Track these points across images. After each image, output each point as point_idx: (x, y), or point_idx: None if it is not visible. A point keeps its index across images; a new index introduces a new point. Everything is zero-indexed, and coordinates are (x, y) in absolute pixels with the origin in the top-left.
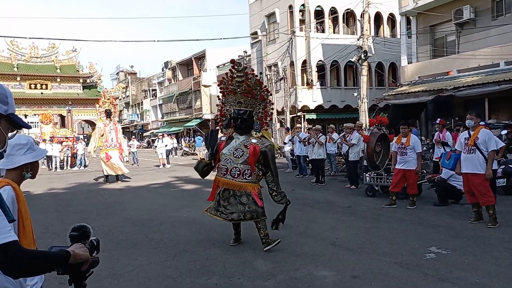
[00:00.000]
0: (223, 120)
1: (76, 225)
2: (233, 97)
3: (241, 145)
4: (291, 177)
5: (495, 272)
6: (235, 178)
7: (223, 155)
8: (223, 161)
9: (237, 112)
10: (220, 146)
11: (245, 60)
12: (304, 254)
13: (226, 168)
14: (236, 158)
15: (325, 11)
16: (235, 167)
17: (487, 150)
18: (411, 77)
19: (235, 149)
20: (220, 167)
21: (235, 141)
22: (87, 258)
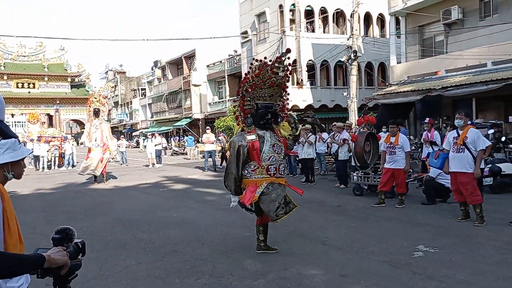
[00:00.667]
0: (247, 118)
1: (60, 228)
2: (267, 91)
3: (275, 140)
4: None
5: (482, 270)
6: (282, 175)
7: (265, 153)
8: (268, 160)
9: (267, 106)
10: (255, 146)
11: (235, 59)
12: (293, 254)
13: (275, 167)
14: (279, 154)
15: (315, 11)
16: (281, 163)
17: (475, 149)
18: (400, 77)
19: (272, 145)
20: (265, 167)
21: (268, 137)
22: (65, 262)
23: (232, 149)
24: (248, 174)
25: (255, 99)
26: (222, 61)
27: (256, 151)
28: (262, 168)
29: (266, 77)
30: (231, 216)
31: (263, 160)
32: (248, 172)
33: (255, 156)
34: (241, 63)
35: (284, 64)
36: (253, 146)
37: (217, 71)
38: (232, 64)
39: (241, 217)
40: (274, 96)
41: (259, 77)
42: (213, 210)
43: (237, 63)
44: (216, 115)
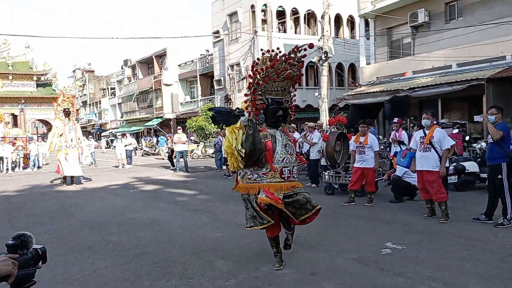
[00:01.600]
0: (258, 114)
1: (16, 234)
2: (280, 84)
3: (287, 139)
4: None
5: (447, 266)
6: (295, 178)
7: (279, 154)
8: (282, 162)
9: (278, 101)
10: (268, 145)
11: (207, 58)
12: (265, 253)
13: (289, 170)
14: (291, 155)
15: (286, 12)
16: (294, 165)
17: (441, 148)
18: (370, 78)
19: (284, 146)
20: (279, 170)
21: (279, 136)
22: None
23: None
24: (258, 178)
25: (266, 93)
26: (194, 60)
27: (269, 152)
28: (275, 171)
29: (282, 69)
30: (203, 217)
31: (277, 162)
32: (258, 176)
33: (267, 158)
34: (213, 62)
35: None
36: (266, 147)
37: (188, 71)
38: (204, 63)
39: (213, 218)
40: (286, 91)
41: (274, 68)
42: (184, 211)
43: (209, 62)
44: (188, 115)
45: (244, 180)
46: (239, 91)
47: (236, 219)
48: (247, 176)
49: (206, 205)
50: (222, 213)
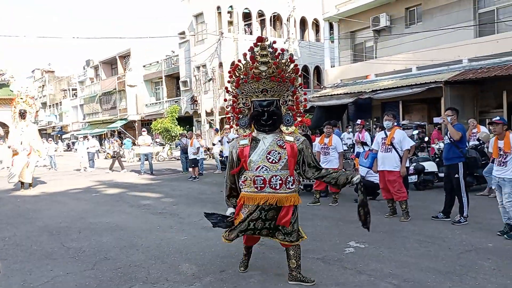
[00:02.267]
0: (239, 118)
1: None
2: (254, 85)
3: (274, 145)
4: (219, 178)
5: (407, 263)
6: (277, 190)
7: (253, 163)
8: (256, 170)
9: (261, 104)
10: (244, 152)
11: (172, 59)
12: (230, 255)
13: (263, 179)
14: (274, 164)
15: (252, 14)
16: (275, 175)
17: (401, 149)
18: (334, 80)
19: (267, 153)
20: (252, 179)
21: (263, 143)
22: None
23: (229, 155)
24: (240, 186)
25: (249, 96)
26: (159, 61)
27: (244, 159)
28: (250, 180)
29: (247, 68)
30: (168, 221)
31: (251, 169)
32: (240, 184)
33: (244, 165)
34: (178, 63)
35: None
36: (242, 153)
37: (154, 72)
38: (170, 64)
39: (178, 221)
40: (271, 92)
41: (239, 70)
42: (148, 215)
43: (175, 63)
44: (153, 116)
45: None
46: (206, 93)
47: (201, 222)
48: None
49: (171, 208)
50: (187, 216)
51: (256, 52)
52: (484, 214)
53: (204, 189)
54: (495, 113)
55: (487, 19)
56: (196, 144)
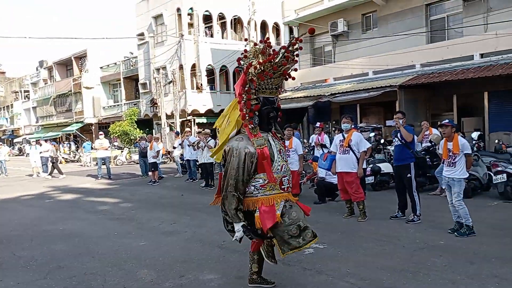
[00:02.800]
0: (252, 116)
1: None
2: (276, 81)
3: (280, 144)
4: (180, 182)
5: (364, 262)
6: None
7: (277, 163)
8: (281, 171)
9: (272, 101)
10: (266, 153)
11: (131, 61)
12: (190, 260)
13: (288, 179)
14: (287, 163)
15: (213, 16)
16: (290, 174)
17: (358, 151)
18: (294, 84)
19: (278, 152)
20: (278, 180)
21: (272, 141)
22: None
23: (236, 158)
24: (255, 191)
25: (259, 92)
26: (117, 63)
27: (267, 160)
28: (275, 182)
29: (279, 63)
30: (126, 226)
31: (276, 171)
32: (255, 188)
33: (266, 167)
34: (137, 65)
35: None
36: (263, 154)
37: (111, 73)
38: (128, 66)
39: (137, 226)
40: (279, 89)
41: (271, 63)
42: (105, 221)
43: (134, 65)
44: (111, 119)
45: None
46: (166, 95)
47: (161, 227)
48: None
49: (130, 213)
50: (146, 221)
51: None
52: (436, 212)
53: (164, 193)
54: (446, 116)
55: (438, 26)
56: (156, 147)
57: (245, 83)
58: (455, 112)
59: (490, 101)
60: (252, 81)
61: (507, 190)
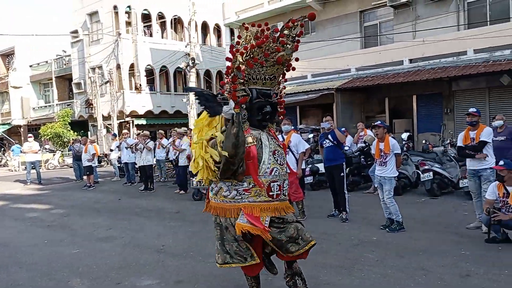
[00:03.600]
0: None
1: None
2: (268, 70)
3: (275, 144)
4: (118, 186)
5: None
6: (286, 197)
7: (265, 165)
8: (270, 174)
9: (265, 93)
10: (252, 152)
11: (64, 59)
12: (127, 266)
13: (278, 185)
14: (282, 167)
15: (152, 16)
16: (285, 179)
17: (297, 151)
18: None
19: (272, 153)
20: (266, 185)
21: (266, 140)
22: None
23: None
24: (237, 196)
25: (250, 83)
26: (49, 61)
27: (253, 161)
28: (262, 186)
29: (272, 49)
30: (57, 234)
31: (263, 174)
32: (237, 193)
33: (250, 169)
34: (71, 64)
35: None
36: (249, 154)
37: (42, 72)
38: (61, 65)
39: (70, 234)
40: (275, 80)
41: (261, 48)
42: (35, 228)
43: (67, 64)
44: (42, 121)
45: (218, 198)
46: (102, 96)
47: (96, 233)
48: (222, 193)
49: (62, 220)
50: (80, 228)
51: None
52: (370, 210)
53: (100, 197)
54: (379, 118)
55: (371, 32)
56: (91, 150)
57: (230, 71)
58: (387, 114)
59: (418, 104)
60: (239, 69)
61: (433, 187)
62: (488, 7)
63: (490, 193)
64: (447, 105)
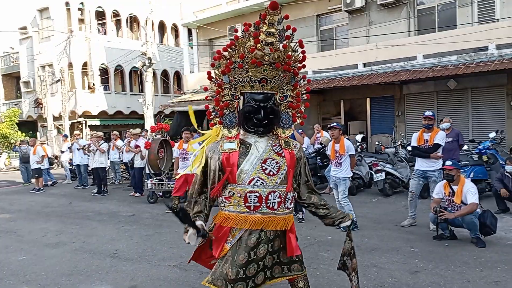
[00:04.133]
0: (223, 115)
1: None
2: (251, 73)
3: (270, 152)
4: (69, 189)
5: None
6: (275, 211)
7: (244, 174)
8: (249, 184)
9: (256, 98)
10: (231, 160)
11: (11, 57)
12: (78, 272)
13: (258, 196)
14: (271, 176)
15: (107, 13)
16: (273, 191)
17: None
18: (194, 86)
19: (262, 161)
20: (243, 196)
21: (256, 148)
22: None
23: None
24: (221, 203)
25: (239, 86)
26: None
27: (231, 168)
28: (239, 196)
29: (246, 50)
30: (2, 240)
31: (241, 183)
32: (222, 200)
33: (226, 174)
34: (19, 62)
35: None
36: (228, 160)
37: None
38: (8, 62)
39: (16, 239)
40: (271, 83)
41: (234, 49)
42: None
43: (15, 61)
44: None
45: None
46: (53, 95)
47: (45, 239)
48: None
49: (8, 225)
50: (28, 233)
51: (262, 28)
52: None
53: (49, 201)
54: (335, 120)
55: (327, 36)
56: (40, 152)
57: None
58: (342, 116)
59: (372, 106)
60: (224, 74)
61: (385, 187)
62: (437, 14)
63: (437, 192)
64: (398, 108)
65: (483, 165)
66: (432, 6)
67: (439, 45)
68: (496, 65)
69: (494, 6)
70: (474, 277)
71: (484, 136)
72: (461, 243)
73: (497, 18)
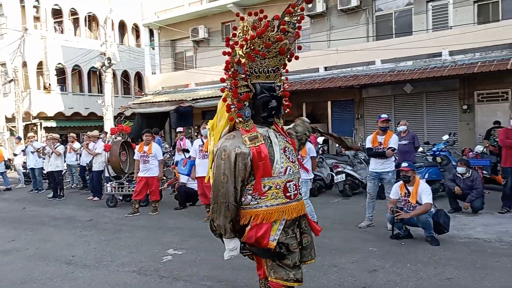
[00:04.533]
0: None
1: None
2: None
3: (283, 141)
4: (22, 193)
5: (221, 264)
6: (302, 196)
7: (279, 163)
8: (285, 174)
9: (270, 87)
10: (263, 152)
11: None
12: (32, 280)
13: (294, 184)
14: (294, 163)
15: (64, 11)
16: (299, 177)
17: None
18: (156, 87)
19: (282, 151)
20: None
21: (275, 138)
22: None
23: (225, 161)
24: (253, 201)
25: (252, 77)
26: None
27: (264, 162)
28: (277, 188)
29: (274, 39)
30: None
31: (278, 175)
32: (252, 198)
33: (261, 170)
34: None
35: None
36: (260, 154)
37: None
38: None
39: None
40: (278, 72)
41: (262, 39)
42: None
43: None
44: None
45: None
46: (6, 95)
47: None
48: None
49: None
50: None
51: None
52: None
53: (1, 206)
54: None
55: None
56: None
57: (230, 66)
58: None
59: (333, 109)
60: (239, 64)
61: (346, 188)
62: (394, 21)
63: (393, 193)
64: (358, 111)
65: (437, 166)
66: (390, 13)
67: (396, 51)
68: (449, 70)
69: (447, 14)
70: (428, 274)
71: (438, 138)
72: (417, 242)
73: (450, 25)
